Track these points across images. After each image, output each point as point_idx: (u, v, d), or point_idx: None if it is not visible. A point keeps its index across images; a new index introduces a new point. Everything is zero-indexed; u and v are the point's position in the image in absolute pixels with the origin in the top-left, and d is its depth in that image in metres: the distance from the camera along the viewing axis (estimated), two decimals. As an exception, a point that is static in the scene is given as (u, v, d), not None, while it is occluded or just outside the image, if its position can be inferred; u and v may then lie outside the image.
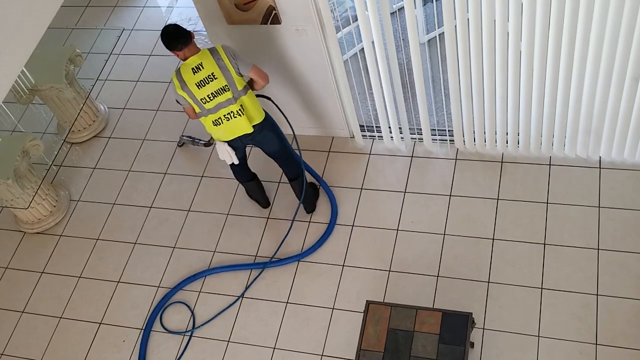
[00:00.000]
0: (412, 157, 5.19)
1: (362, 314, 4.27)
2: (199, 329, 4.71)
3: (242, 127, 4.36)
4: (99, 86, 6.31)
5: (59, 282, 5.16)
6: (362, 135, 5.29)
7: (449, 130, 5.07)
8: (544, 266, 4.48)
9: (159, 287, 4.96)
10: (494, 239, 4.65)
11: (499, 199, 4.82)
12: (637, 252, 4.41)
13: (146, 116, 6.01)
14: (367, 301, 4.05)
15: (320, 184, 5.16)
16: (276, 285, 4.79)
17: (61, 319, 4.97)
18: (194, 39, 4.18)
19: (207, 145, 5.56)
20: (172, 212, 5.34)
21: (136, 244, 5.23)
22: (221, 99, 4.23)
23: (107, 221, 5.41)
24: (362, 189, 5.11)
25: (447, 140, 5.12)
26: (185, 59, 4.19)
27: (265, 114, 4.47)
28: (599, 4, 3.72)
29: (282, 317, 4.65)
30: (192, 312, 4.79)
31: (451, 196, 4.91)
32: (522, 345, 4.21)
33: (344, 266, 4.78)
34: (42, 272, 5.24)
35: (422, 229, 4.81)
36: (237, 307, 4.75)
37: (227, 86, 4.20)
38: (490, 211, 4.78)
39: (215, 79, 4.17)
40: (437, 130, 5.15)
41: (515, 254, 4.56)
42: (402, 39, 5.65)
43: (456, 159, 5.08)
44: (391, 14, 5.58)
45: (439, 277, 4.57)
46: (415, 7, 4.47)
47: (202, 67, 4.15)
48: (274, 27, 4.54)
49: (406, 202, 4.97)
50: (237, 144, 4.52)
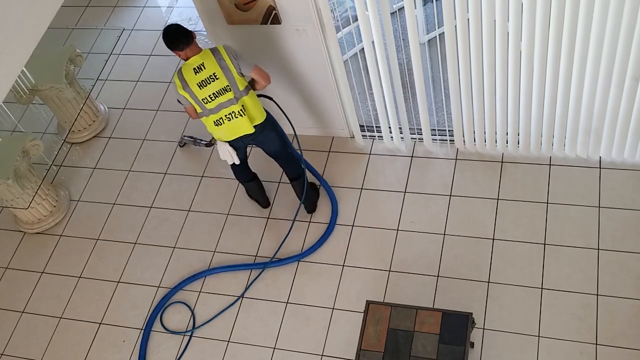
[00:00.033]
0: (412, 157, 5.19)
1: (362, 314, 4.27)
2: (199, 329, 4.71)
3: (244, 127, 4.36)
4: (99, 86, 6.31)
5: (59, 282, 5.16)
6: (362, 135, 5.28)
7: (449, 130, 5.06)
8: (544, 266, 4.48)
9: (159, 287, 4.96)
10: (494, 239, 4.65)
11: (499, 199, 4.82)
12: (637, 252, 4.41)
13: (146, 116, 6.01)
14: (367, 301, 4.04)
15: (320, 183, 5.16)
16: (276, 285, 4.79)
17: (61, 319, 4.97)
18: (195, 39, 4.17)
19: (208, 145, 5.56)
20: (172, 212, 5.34)
21: (136, 244, 5.23)
22: (223, 99, 4.22)
23: (107, 221, 5.41)
24: (362, 189, 5.11)
25: (447, 140, 5.12)
26: (186, 59, 4.18)
27: (266, 114, 4.47)
28: (599, 4, 3.72)
29: (282, 317, 4.65)
30: (192, 312, 4.79)
31: (451, 196, 4.91)
32: (522, 345, 4.21)
33: (344, 266, 4.78)
34: (42, 272, 5.24)
35: (422, 229, 4.81)
36: (237, 307, 4.75)
37: (228, 86, 4.20)
38: (490, 211, 4.78)
39: (216, 79, 4.17)
40: (437, 130, 5.15)
41: (515, 254, 4.56)
42: (402, 39, 5.65)
43: (456, 159, 5.08)
44: (391, 14, 5.57)
45: (439, 277, 4.57)
46: (415, 7, 4.47)
47: (204, 67, 4.15)
48: (274, 27, 4.54)
49: (406, 202, 4.97)
50: (238, 144, 4.52)
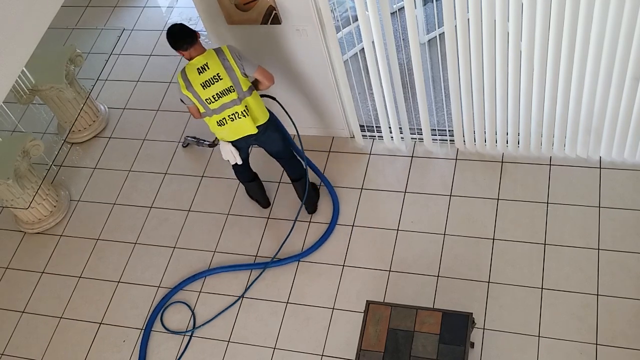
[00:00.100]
0: (412, 157, 5.19)
1: (362, 314, 4.27)
2: (199, 329, 4.71)
3: (247, 127, 4.36)
4: (99, 86, 6.31)
5: (59, 282, 5.16)
6: (362, 135, 5.28)
7: (449, 130, 5.06)
8: (544, 266, 4.48)
9: (159, 287, 4.96)
10: (494, 239, 4.65)
11: (499, 199, 4.82)
12: (637, 252, 4.41)
13: (146, 116, 6.01)
14: (367, 301, 4.04)
15: (322, 182, 5.14)
16: (276, 285, 4.79)
17: (61, 319, 4.97)
18: (199, 39, 4.17)
19: (211, 145, 5.54)
20: (172, 212, 5.34)
21: (136, 244, 5.23)
22: (226, 99, 4.22)
23: (107, 221, 5.41)
24: (362, 189, 5.11)
25: (447, 140, 5.12)
26: (190, 59, 4.18)
27: (269, 115, 4.47)
28: (599, 4, 3.72)
29: (282, 317, 4.65)
30: (193, 312, 4.79)
31: (451, 196, 4.91)
32: (522, 345, 4.21)
33: (344, 266, 4.78)
34: (42, 272, 5.24)
35: (422, 229, 4.81)
36: (237, 307, 4.75)
37: (232, 87, 4.19)
38: (490, 211, 4.78)
39: (220, 79, 4.16)
40: (437, 130, 5.15)
41: (515, 254, 4.56)
42: (402, 39, 5.65)
43: (456, 159, 5.08)
44: (391, 14, 5.57)
45: (439, 277, 4.57)
46: (415, 7, 4.46)
47: (208, 68, 4.14)
48: (274, 27, 4.54)
49: (406, 202, 4.97)
50: (241, 144, 4.52)
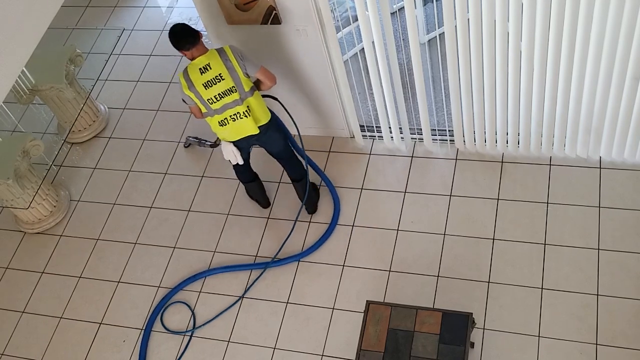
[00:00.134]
0: (412, 157, 5.19)
1: (362, 314, 4.27)
2: (199, 329, 4.71)
3: (248, 128, 4.36)
4: (99, 86, 6.31)
5: (59, 282, 5.16)
6: (362, 135, 5.28)
7: (449, 130, 5.06)
8: (544, 266, 4.48)
9: (159, 287, 4.96)
10: (494, 239, 4.65)
11: (499, 199, 4.82)
12: (637, 252, 4.41)
13: (146, 116, 6.01)
14: (367, 301, 4.04)
15: (324, 182, 5.13)
16: (276, 285, 4.79)
17: (61, 319, 4.97)
18: (202, 39, 4.16)
19: (213, 146, 5.54)
20: (172, 212, 5.34)
21: (136, 244, 5.23)
22: (228, 99, 4.22)
23: (107, 221, 5.41)
24: (362, 189, 5.11)
25: (447, 140, 5.12)
26: (192, 59, 4.18)
27: (271, 115, 4.47)
28: (599, 4, 3.72)
29: (282, 317, 4.65)
30: (193, 312, 4.79)
31: (451, 196, 4.91)
32: (522, 345, 4.21)
33: (344, 266, 4.78)
34: (42, 272, 5.24)
35: (422, 229, 4.81)
36: (237, 307, 4.75)
37: (234, 87, 4.19)
38: (490, 211, 4.78)
39: (222, 79, 4.16)
40: (437, 130, 5.15)
41: (515, 254, 4.56)
42: (403, 39, 5.65)
43: (456, 159, 5.08)
44: (391, 14, 5.57)
45: (439, 277, 4.57)
46: (415, 7, 4.46)
47: (210, 68, 4.14)
48: (274, 28, 4.54)
49: (406, 202, 4.97)
50: (242, 145, 4.52)
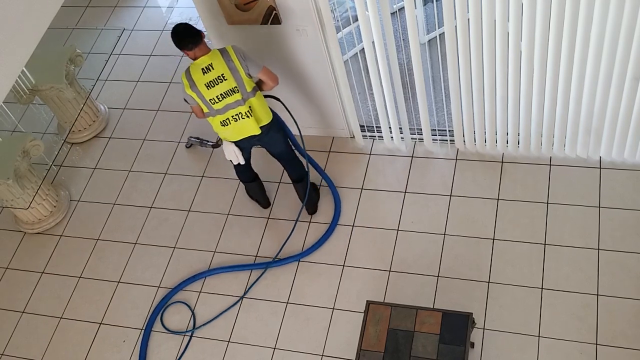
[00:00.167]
0: (412, 157, 5.19)
1: (362, 314, 4.27)
2: (199, 329, 4.71)
3: (250, 128, 4.36)
4: (99, 86, 6.31)
5: (59, 282, 5.16)
6: (362, 135, 5.28)
7: (449, 130, 5.06)
8: (544, 266, 4.48)
9: (159, 287, 4.96)
10: (494, 239, 4.65)
11: (499, 199, 4.82)
12: (637, 252, 4.41)
13: (146, 116, 6.01)
14: (367, 301, 4.04)
15: (326, 182, 5.12)
16: (276, 285, 4.79)
17: (61, 319, 4.97)
18: (204, 39, 4.16)
19: (215, 146, 5.53)
20: (172, 212, 5.34)
21: (136, 244, 5.23)
22: (230, 100, 4.22)
23: (107, 221, 5.41)
24: (362, 189, 5.11)
25: (447, 140, 5.12)
26: (195, 59, 4.17)
27: (272, 115, 4.47)
28: (599, 4, 3.72)
29: (282, 317, 4.65)
30: (193, 312, 4.79)
31: (451, 196, 4.91)
32: (522, 345, 4.21)
33: (344, 266, 4.78)
34: (42, 272, 5.24)
35: (422, 229, 4.81)
36: (237, 307, 4.75)
37: (236, 87, 4.19)
38: (490, 211, 4.78)
39: (224, 80, 4.16)
40: (438, 130, 5.15)
41: (515, 254, 4.56)
42: (403, 39, 5.65)
43: (456, 159, 5.08)
44: (391, 14, 5.57)
45: (439, 277, 4.57)
46: (415, 7, 4.46)
47: (212, 68, 4.14)
48: (274, 28, 4.54)
49: (406, 202, 4.97)
50: (244, 145, 4.52)
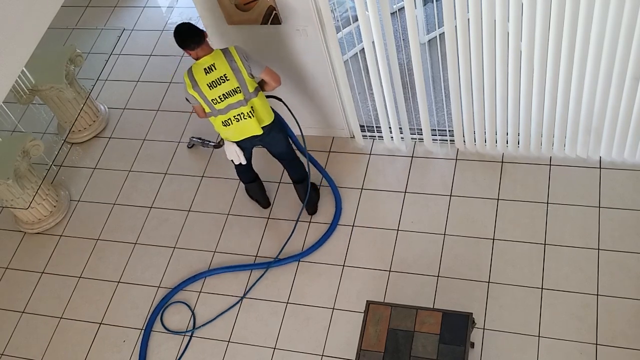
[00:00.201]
0: (412, 157, 5.19)
1: (362, 314, 4.27)
2: (199, 329, 4.71)
3: (252, 128, 4.36)
4: (99, 86, 6.30)
5: (59, 282, 5.15)
6: (362, 135, 5.28)
7: (449, 130, 5.06)
8: (544, 266, 4.48)
9: (159, 287, 4.96)
10: (494, 239, 4.65)
11: (499, 199, 4.82)
12: (637, 252, 4.41)
13: (146, 116, 6.01)
14: (367, 301, 4.04)
15: (327, 182, 5.12)
16: (276, 285, 4.79)
17: (61, 319, 4.97)
18: (207, 39, 4.16)
19: (217, 147, 5.52)
20: (172, 212, 5.34)
21: (136, 244, 5.23)
22: (232, 100, 4.22)
23: (107, 221, 5.41)
24: (362, 189, 5.11)
25: (447, 140, 5.12)
26: (197, 59, 4.17)
27: (274, 116, 4.47)
28: (599, 4, 3.72)
29: (282, 317, 4.65)
30: (193, 312, 4.79)
31: (451, 196, 4.91)
32: (522, 345, 4.21)
33: (344, 266, 4.78)
34: (42, 272, 5.24)
35: (422, 229, 4.81)
36: (237, 308, 4.75)
37: (238, 88, 4.19)
38: (490, 211, 4.78)
39: (227, 80, 4.15)
40: (438, 130, 5.15)
41: (515, 254, 4.56)
42: (403, 39, 5.65)
43: (456, 159, 5.08)
44: (391, 14, 5.57)
45: (439, 277, 4.57)
46: (415, 7, 4.46)
47: (215, 68, 4.14)
48: (274, 28, 4.54)
49: (406, 202, 4.97)
50: (245, 145, 4.53)
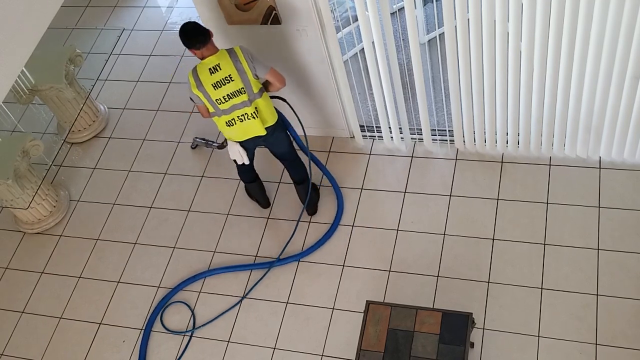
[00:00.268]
0: (412, 157, 5.19)
1: (362, 314, 4.27)
2: (199, 329, 4.71)
3: (255, 129, 4.36)
4: (99, 86, 6.30)
5: (59, 282, 5.15)
6: (362, 135, 5.28)
7: (449, 130, 5.07)
8: (543, 266, 4.48)
9: (159, 287, 4.96)
10: (493, 239, 4.65)
11: (498, 199, 4.82)
12: (637, 252, 4.41)
13: (146, 116, 6.01)
14: (367, 301, 4.05)
15: (330, 182, 5.12)
16: (276, 285, 4.79)
17: (61, 319, 4.97)
18: (212, 38, 4.14)
19: (220, 147, 5.52)
20: (172, 212, 5.34)
21: (136, 244, 5.23)
22: (236, 100, 4.21)
23: (107, 221, 5.41)
24: (362, 189, 5.11)
25: (447, 140, 5.12)
26: (202, 58, 4.15)
27: (278, 116, 4.47)
28: (599, 4, 3.72)
29: (282, 317, 4.65)
30: (193, 312, 4.79)
31: (451, 196, 4.91)
32: (522, 345, 4.21)
33: (344, 266, 4.78)
34: (42, 272, 5.24)
35: (422, 229, 4.81)
36: (237, 308, 4.75)
37: (243, 89, 4.18)
38: (490, 211, 4.78)
39: (232, 80, 4.15)
40: (437, 130, 5.15)
41: (515, 254, 4.56)
42: (402, 39, 5.65)
43: (456, 159, 5.08)
44: (391, 14, 5.58)
45: (439, 277, 4.57)
46: (415, 8, 4.46)
47: (220, 68, 4.12)
48: (274, 28, 4.54)
49: (406, 202, 4.97)
50: (249, 145, 4.53)
